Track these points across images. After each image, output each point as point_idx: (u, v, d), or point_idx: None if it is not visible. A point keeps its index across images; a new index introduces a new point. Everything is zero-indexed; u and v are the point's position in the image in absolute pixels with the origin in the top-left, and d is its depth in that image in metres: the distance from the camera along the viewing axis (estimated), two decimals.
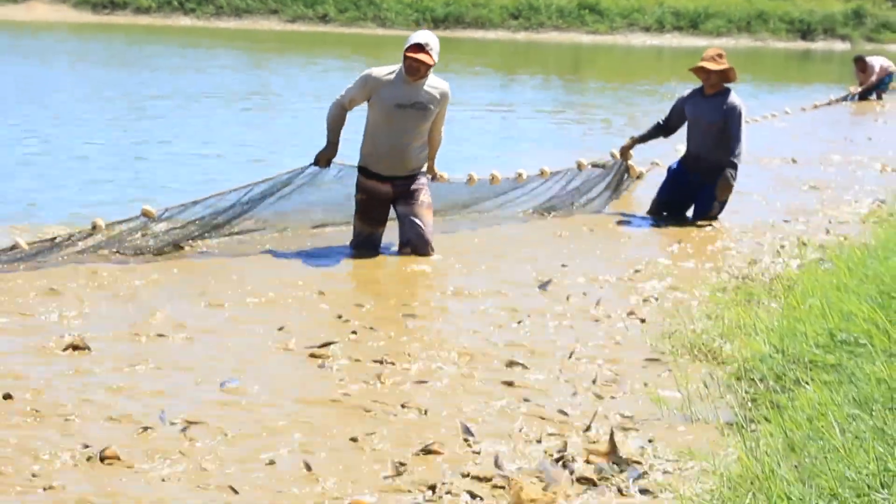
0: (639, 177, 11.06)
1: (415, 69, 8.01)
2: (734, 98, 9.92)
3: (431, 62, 7.99)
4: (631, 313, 6.79)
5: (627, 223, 9.95)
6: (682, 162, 10.23)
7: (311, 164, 8.36)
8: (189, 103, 18.30)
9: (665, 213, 10.12)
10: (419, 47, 7.95)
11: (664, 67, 35.25)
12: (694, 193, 10.04)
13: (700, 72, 9.96)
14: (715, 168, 9.83)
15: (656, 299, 7.17)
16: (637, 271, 8.01)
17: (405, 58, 8.01)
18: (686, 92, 10.35)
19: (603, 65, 33.86)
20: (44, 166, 11.66)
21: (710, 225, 9.86)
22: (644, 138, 10.56)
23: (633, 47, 45.12)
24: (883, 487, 3.41)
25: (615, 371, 5.70)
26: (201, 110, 17.53)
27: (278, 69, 26.48)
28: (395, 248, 8.37)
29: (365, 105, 8.29)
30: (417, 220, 8.28)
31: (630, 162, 10.71)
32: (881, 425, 3.85)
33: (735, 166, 9.78)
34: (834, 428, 3.92)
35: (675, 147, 10.77)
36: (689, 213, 10.11)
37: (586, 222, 9.85)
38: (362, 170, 8.37)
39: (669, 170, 10.37)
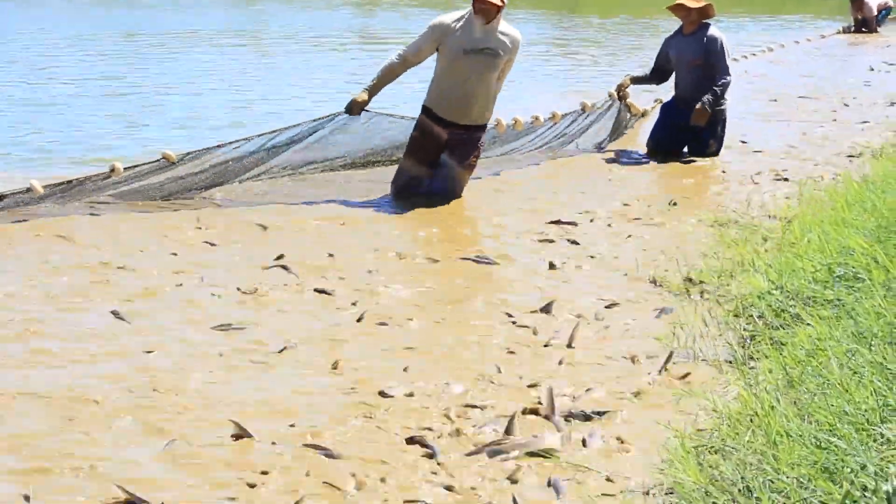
0: (643, 114, 10.99)
1: (485, 10, 7.80)
2: (713, 31, 9.82)
3: (502, 3, 7.79)
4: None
5: (624, 161, 9.89)
6: (674, 100, 10.17)
7: (342, 112, 8.17)
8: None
9: (661, 151, 10.00)
10: None
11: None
12: (688, 131, 9.95)
13: (679, 9, 9.85)
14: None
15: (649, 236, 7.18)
16: (626, 205, 8.07)
17: (474, 1, 7.83)
18: (669, 34, 10.24)
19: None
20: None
21: (709, 161, 9.82)
22: (640, 80, 10.48)
23: None
24: (882, 422, 3.41)
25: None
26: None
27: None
28: None
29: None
30: (454, 178, 8.18)
31: (631, 100, 10.63)
32: (880, 360, 3.86)
33: (715, 94, 9.68)
34: (832, 363, 3.92)
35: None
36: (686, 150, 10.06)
37: (585, 162, 9.82)
38: (426, 110, 8.21)
39: (662, 107, 10.31)
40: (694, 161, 9.82)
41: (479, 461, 4.00)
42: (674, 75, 10.16)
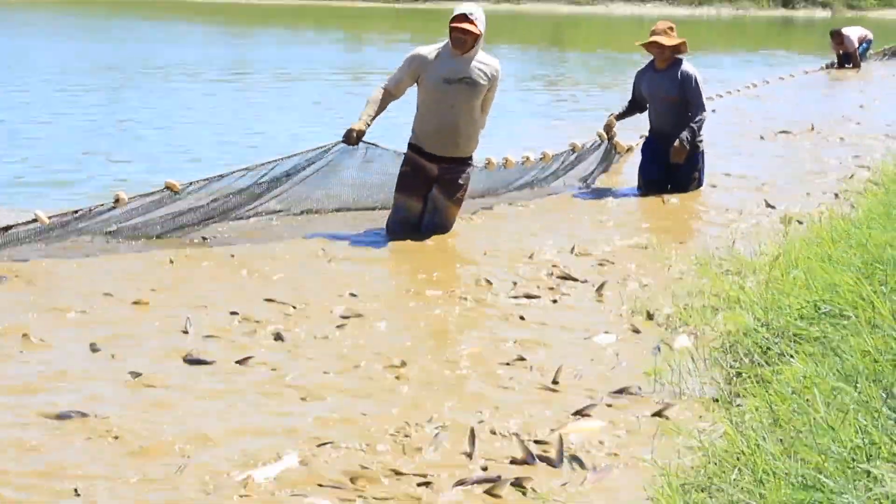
0: (628, 150, 11.03)
1: (461, 41, 7.87)
2: (687, 67, 9.81)
3: (477, 31, 7.83)
4: (601, 287, 6.80)
5: (612, 196, 9.89)
6: (651, 135, 10.16)
7: (339, 141, 8.17)
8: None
9: (654, 186, 9.99)
10: (463, 17, 7.81)
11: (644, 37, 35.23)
12: (669, 169, 9.96)
13: (653, 46, 9.84)
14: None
15: (636, 272, 7.18)
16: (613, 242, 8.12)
17: (451, 29, 7.87)
18: (640, 67, 10.24)
19: (584, 35, 33.77)
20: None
21: (692, 196, 9.82)
22: (623, 115, 10.48)
23: (613, 17, 45.06)
24: (868, 460, 3.41)
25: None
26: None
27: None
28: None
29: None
30: (442, 213, 8.22)
31: (617, 139, 10.64)
32: (865, 398, 3.85)
33: (693, 131, 9.69)
34: (818, 402, 3.92)
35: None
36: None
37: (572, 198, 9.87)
38: (412, 146, 8.26)
39: (643, 148, 10.29)
40: (677, 196, 9.82)
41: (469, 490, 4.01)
42: (647, 110, 10.17)
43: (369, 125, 8.10)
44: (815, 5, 50.04)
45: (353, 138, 8.09)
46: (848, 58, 22.93)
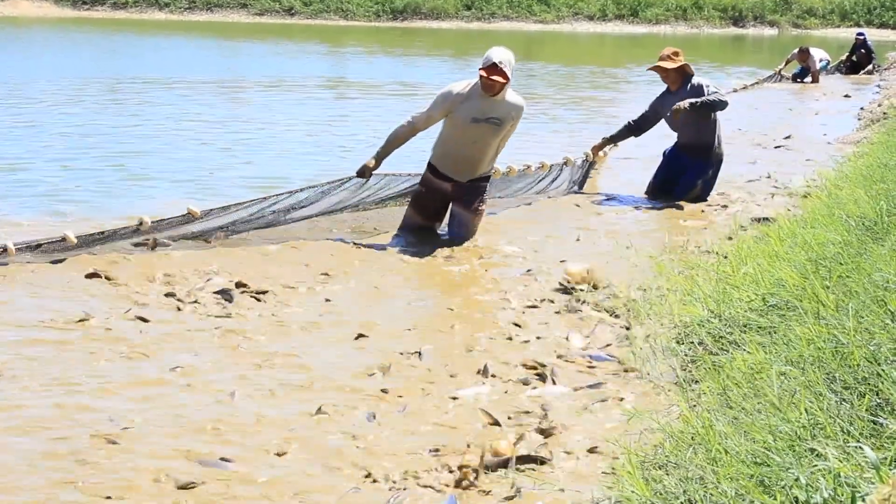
0: (603, 156, 11.10)
1: (490, 87, 7.77)
2: (697, 79, 9.87)
3: (505, 80, 7.74)
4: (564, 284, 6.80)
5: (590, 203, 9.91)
6: (676, 147, 10.19)
7: (353, 176, 8.15)
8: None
9: (663, 191, 10.05)
10: (494, 67, 7.69)
11: (607, 53, 35.33)
12: (683, 172, 10.03)
13: (658, 70, 9.94)
14: (704, 147, 9.91)
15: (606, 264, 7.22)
16: (578, 240, 8.21)
17: (481, 77, 7.76)
18: (657, 95, 10.24)
19: (550, 52, 33.81)
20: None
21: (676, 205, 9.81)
22: (615, 139, 10.54)
23: (578, 35, 45.16)
24: (813, 438, 3.44)
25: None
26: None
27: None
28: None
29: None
30: (465, 224, 8.16)
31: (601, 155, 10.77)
32: (810, 382, 3.89)
33: (702, 102, 9.64)
34: (767, 385, 3.96)
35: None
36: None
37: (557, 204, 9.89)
38: (431, 167, 8.21)
39: (666, 154, 10.30)
40: (677, 205, 9.82)
41: None
42: (670, 129, 10.16)
43: (382, 160, 8.03)
44: (763, 24, 50.27)
45: (366, 174, 8.09)
46: (803, 73, 23.57)
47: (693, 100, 9.65)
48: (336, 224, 8.35)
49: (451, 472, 4.06)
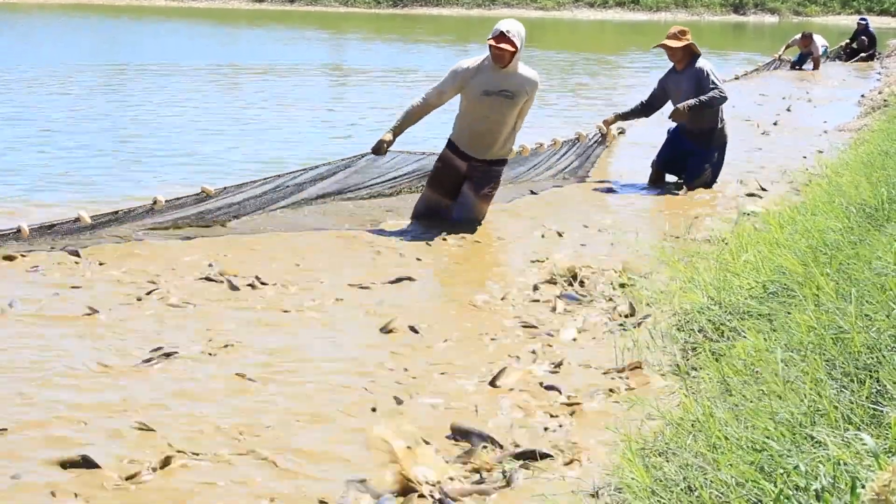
0: (613, 138, 11.06)
1: (499, 57, 7.80)
2: (701, 64, 9.90)
3: (514, 49, 7.75)
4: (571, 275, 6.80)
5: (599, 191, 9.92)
6: (677, 128, 10.19)
7: (368, 153, 8.21)
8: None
9: (666, 171, 10.15)
10: (501, 36, 7.73)
11: (608, 39, 35.31)
12: (688, 157, 10.05)
13: (665, 48, 9.95)
14: (705, 132, 9.91)
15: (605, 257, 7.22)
16: (586, 226, 8.20)
17: (490, 47, 7.80)
18: (663, 73, 10.28)
19: (551, 38, 33.77)
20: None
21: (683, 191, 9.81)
22: (626, 116, 10.54)
23: (579, 21, 45.12)
24: (813, 426, 3.44)
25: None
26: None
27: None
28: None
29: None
30: (469, 207, 8.16)
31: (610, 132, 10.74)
32: (810, 369, 3.89)
33: (699, 101, 9.71)
34: (767, 372, 3.96)
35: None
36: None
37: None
38: (450, 143, 8.24)
39: (669, 133, 10.31)
40: (679, 190, 9.84)
41: None
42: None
43: (398, 135, 8.07)
44: (764, 11, 50.23)
45: (382, 149, 8.12)
46: (804, 58, 23.63)
47: (692, 101, 9.70)
48: (349, 219, 8.26)
49: None
